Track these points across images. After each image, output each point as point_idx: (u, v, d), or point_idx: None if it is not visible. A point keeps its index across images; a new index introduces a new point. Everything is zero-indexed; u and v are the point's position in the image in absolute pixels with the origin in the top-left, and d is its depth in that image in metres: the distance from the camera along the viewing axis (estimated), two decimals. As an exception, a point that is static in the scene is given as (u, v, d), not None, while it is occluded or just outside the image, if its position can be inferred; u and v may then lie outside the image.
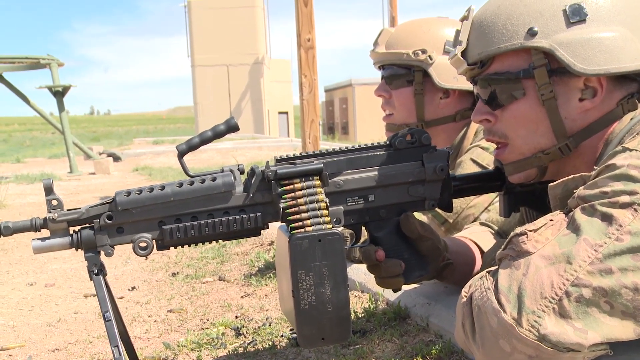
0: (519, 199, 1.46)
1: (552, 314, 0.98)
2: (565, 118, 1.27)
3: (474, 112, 1.39)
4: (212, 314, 2.29)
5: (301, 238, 1.22)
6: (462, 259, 1.61)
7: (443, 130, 2.12)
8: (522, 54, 1.28)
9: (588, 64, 1.22)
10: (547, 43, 1.24)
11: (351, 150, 1.38)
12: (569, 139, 1.28)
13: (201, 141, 1.35)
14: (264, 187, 1.32)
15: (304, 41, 4.96)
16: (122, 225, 1.32)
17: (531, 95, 1.28)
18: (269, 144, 13.74)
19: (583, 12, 1.24)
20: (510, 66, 1.29)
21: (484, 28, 1.31)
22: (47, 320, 2.43)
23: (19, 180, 8.16)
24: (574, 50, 1.22)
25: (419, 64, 2.08)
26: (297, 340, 1.25)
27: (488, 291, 1.04)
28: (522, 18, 1.26)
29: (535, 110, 1.29)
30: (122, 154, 12.39)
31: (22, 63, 9.52)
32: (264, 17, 23.65)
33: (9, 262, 3.54)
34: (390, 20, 11.25)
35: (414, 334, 1.76)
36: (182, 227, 1.31)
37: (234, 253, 3.23)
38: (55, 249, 1.32)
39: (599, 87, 1.25)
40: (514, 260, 1.04)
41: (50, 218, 1.30)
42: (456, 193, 1.45)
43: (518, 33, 1.26)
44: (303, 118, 5.06)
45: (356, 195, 1.37)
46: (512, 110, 1.31)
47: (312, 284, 1.22)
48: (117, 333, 1.29)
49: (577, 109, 1.27)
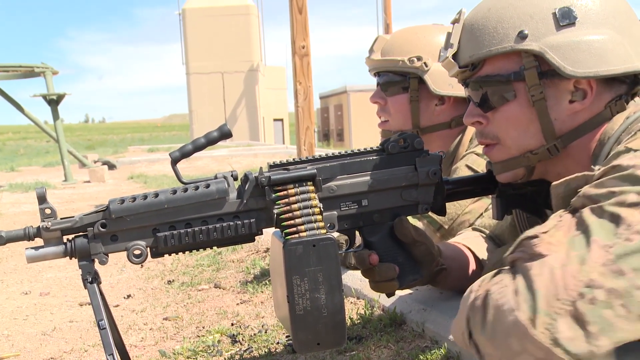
0: (512, 202, 1.47)
1: (568, 317, 0.96)
2: (555, 119, 1.29)
3: (466, 115, 1.40)
4: (208, 322, 2.29)
5: (295, 243, 1.22)
6: (456, 264, 1.61)
7: (438, 137, 2.13)
8: (513, 56, 1.29)
9: (578, 66, 1.23)
10: (537, 46, 1.25)
11: (344, 155, 1.38)
12: (557, 140, 1.30)
13: (194, 148, 1.35)
14: (257, 193, 1.32)
15: (298, 48, 4.97)
16: (116, 233, 1.31)
17: (522, 97, 1.29)
18: (264, 151, 13.74)
19: (573, 15, 1.25)
20: (501, 69, 1.30)
21: (475, 31, 1.32)
22: (42, 329, 2.42)
23: (13, 189, 8.13)
24: (564, 53, 1.23)
25: (414, 71, 2.08)
26: (293, 346, 1.25)
27: (506, 288, 1.02)
28: (513, 21, 1.27)
29: (526, 111, 1.30)
30: (117, 162, 12.37)
31: (17, 71, 9.52)
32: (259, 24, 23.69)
33: (4, 271, 3.53)
34: (385, 27, 11.29)
35: (410, 340, 1.76)
36: (177, 234, 1.30)
37: (229, 260, 3.23)
38: (48, 258, 1.31)
39: (588, 89, 1.26)
40: (527, 262, 1.03)
41: (43, 227, 1.29)
42: (449, 197, 1.45)
43: (508, 36, 1.27)
44: (298, 125, 5.07)
45: (350, 200, 1.37)
46: (503, 112, 1.32)
47: (306, 289, 1.21)
48: (112, 341, 1.28)
49: (566, 110, 1.28)
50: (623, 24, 1.27)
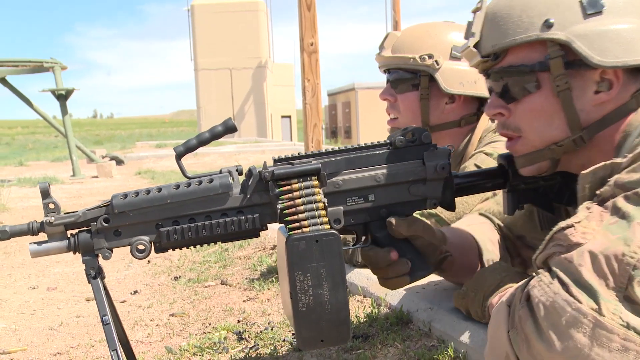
0: (523, 197, 1.45)
1: (624, 302, 0.94)
2: (581, 110, 1.26)
3: (487, 106, 1.37)
4: (214, 318, 2.29)
5: (298, 239, 1.21)
6: (461, 251, 1.58)
7: (448, 136, 2.12)
8: (537, 46, 1.26)
9: (605, 56, 1.20)
10: (563, 35, 1.22)
11: (350, 149, 1.36)
12: (583, 131, 1.27)
13: (199, 143, 1.34)
14: (261, 188, 1.31)
15: (307, 45, 4.96)
16: (119, 228, 1.30)
17: (546, 87, 1.27)
18: (271, 148, 13.76)
19: (600, 3, 1.22)
20: (525, 58, 1.27)
21: (498, 19, 1.29)
22: (49, 324, 2.43)
23: (21, 184, 8.16)
24: (591, 42, 1.21)
25: (425, 68, 2.07)
26: (296, 343, 1.25)
27: (552, 285, 0.98)
28: (538, 9, 1.25)
29: (551, 102, 1.27)
30: (124, 158, 12.40)
31: (26, 66, 9.54)
32: (267, 21, 23.70)
33: (11, 266, 3.54)
34: (394, 24, 11.26)
35: (417, 338, 1.75)
36: (180, 229, 1.29)
37: (236, 257, 3.23)
38: (52, 253, 1.31)
39: (615, 80, 1.24)
40: (565, 254, 1.00)
41: (47, 222, 1.28)
42: (458, 191, 1.42)
43: (534, 25, 1.24)
44: (306, 122, 5.06)
45: (356, 195, 1.35)
46: (526, 103, 1.29)
47: (309, 285, 1.20)
48: (116, 337, 1.28)
49: (592, 101, 1.25)
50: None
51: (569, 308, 0.95)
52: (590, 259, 0.97)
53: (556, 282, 0.98)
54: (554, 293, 0.98)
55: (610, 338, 0.93)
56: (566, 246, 1.01)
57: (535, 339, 0.98)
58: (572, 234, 1.01)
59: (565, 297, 0.96)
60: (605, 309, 0.94)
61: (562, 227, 1.03)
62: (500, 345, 1.05)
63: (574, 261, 0.98)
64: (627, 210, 0.99)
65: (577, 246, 0.99)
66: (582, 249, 0.98)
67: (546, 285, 0.99)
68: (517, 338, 1.02)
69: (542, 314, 0.98)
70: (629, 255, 0.95)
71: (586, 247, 0.98)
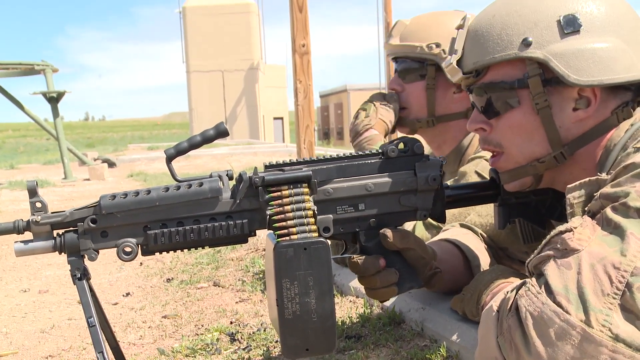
0: (514, 211, 1.45)
1: (619, 311, 0.94)
2: (560, 127, 1.28)
3: (469, 121, 1.39)
4: (207, 320, 2.28)
5: (286, 246, 1.18)
6: (449, 266, 1.58)
7: (453, 127, 2.11)
8: (517, 63, 1.28)
9: (582, 74, 1.22)
10: (541, 54, 1.24)
11: (342, 158, 1.35)
12: (564, 148, 1.28)
13: (190, 146, 1.33)
14: (251, 193, 1.29)
15: (298, 47, 4.96)
16: (106, 229, 1.29)
17: (526, 104, 1.28)
18: (264, 150, 13.75)
19: (577, 23, 1.24)
20: (505, 75, 1.29)
21: (479, 37, 1.31)
22: (41, 327, 2.42)
23: (12, 187, 8.13)
24: (568, 61, 1.22)
25: (432, 57, 2.05)
26: (281, 351, 1.23)
27: (540, 295, 0.98)
28: (517, 28, 1.26)
29: (530, 119, 1.29)
30: (116, 160, 12.37)
31: (17, 69, 9.50)
32: (259, 22, 23.69)
33: (3, 269, 3.53)
34: (385, 26, 11.27)
35: (409, 338, 1.75)
36: (167, 232, 1.28)
37: (229, 259, 3.23)
38: (37, 252, 1.29)
39: (592, 98, 1.25)
40: (561, 259, 1.00)
41: (33, 220, 1.27)
42: (449, 204, 1.42)
43: (512, 43, 1.26)
44: (298, 123, 5.06)
45: (346, 204, 1.35)
46: (507, 119, 1.31)
47: (296, 293, 1.18)
48: (103, 339, 1.27)
49: (571, 118, 1.27)
50: (629, 33, 1.26)
51: (558, 319, 0.96)
52: (587, 266, 0.98)
53: (544, 292, 0.99)
54: (542, 303, 0.98)
55: (599, 350, 0.94)
56: (562, 250, 1.01)
57: (524, 349, 0.99)
58: (570, 239, 1.02)
59: (553, 308, 0.96)
60: (594, 320, 0.94)
61: (560, 230, 1.04)
62: (489, 349, 1.06)
63: (572, 267, 0.98)
64: (618, 222, 1.00)
65: (574, 252, 1.00)
66: (579, 256, 0.99)
67: (534, 295, 1.00)
68: (505, 345, 1.02)
69: (531, 324, 0.98)
70: (626, 264, 0.96)
71: (584, 255, 0.99)
